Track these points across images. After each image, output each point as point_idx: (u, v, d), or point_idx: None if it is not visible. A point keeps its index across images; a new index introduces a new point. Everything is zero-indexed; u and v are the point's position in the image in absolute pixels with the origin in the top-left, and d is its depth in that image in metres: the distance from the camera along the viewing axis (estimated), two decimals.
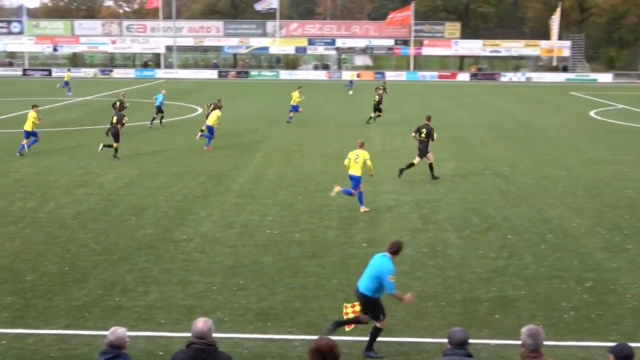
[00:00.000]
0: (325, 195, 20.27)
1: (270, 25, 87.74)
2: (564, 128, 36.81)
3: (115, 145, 26.30)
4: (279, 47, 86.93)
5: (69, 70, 69.02)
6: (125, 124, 27.59)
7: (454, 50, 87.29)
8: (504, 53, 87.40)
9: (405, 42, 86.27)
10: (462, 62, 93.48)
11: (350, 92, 59.75)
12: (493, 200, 19.92)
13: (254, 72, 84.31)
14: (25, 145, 27.17)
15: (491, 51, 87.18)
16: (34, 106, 28.26)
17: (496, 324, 11.24)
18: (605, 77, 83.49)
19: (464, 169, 24.68)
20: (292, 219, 17.66)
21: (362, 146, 18.84)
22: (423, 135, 22.52)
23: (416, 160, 22.79)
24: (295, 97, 38.19)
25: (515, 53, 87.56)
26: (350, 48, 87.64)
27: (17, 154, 26.65)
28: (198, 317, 6.95)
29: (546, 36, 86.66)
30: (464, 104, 51.10)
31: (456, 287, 12.86)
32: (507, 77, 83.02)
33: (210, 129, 28.89)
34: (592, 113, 45.05)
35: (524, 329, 6.69)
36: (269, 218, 17.74)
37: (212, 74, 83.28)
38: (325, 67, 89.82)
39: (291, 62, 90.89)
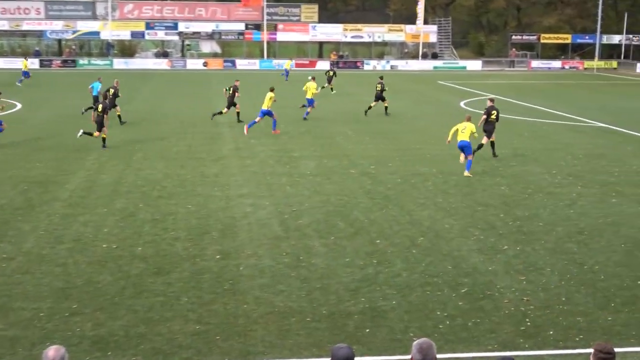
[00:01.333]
0: (170, 202, 20.04)
1: (100, 6, 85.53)
2: (433, 120, 38.17)
3: (96, 134, 28.45)
4: (112, 31, 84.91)
5: (25, 58, 64.52)
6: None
7: (312, 35, 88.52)
8: (366, 39, 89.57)
9: (258, 27, 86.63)
10: (321, 48, 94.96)
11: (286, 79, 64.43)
12: (359, 202, 20.36)
13: (82, 61, 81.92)
14: None
15: (352, 37, 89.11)
16: None
17: (367, 338, 11.48)
18: (475, 65, 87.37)
19: (326, 168, 25.07)
20: (133, 231, 17.30)
21: (469, 120, 24.29)
22: (493, 116, 27.01)
23: (484, 140, 26.83)
24: (312, 88, 38.13)
25: (378, 39, 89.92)
26: (195, 33, 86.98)
27: None
28: (47, 345, 6.67)
29: (411, 20, 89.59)
30: (324, 94, 51.88)
31: (322, 300, 13.03)
32: (371, 65, 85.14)
33: (267, 113, 32.23)
34: (462, 104, 46.97)
35: (414, 343, 6.77)
36: (105, 230, 17.30)
37: (32, 63, 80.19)
38: (166, 54, 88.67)
39: (127, 49, 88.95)
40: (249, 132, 32.04)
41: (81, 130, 28.78)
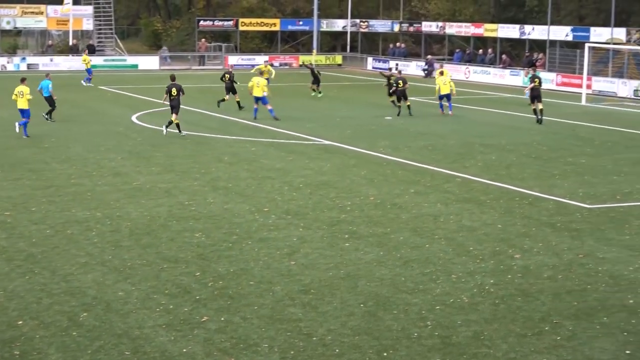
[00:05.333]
0: None
1: None
2: (93, 143, 37.78)
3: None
4: None
5: None
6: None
7: None
8: None
9: None
10: None
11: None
12: None
13: None
14: None
15: None
16: None
17: None
18: (150, 62, 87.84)
19: None
20: None
21: (441, 74, 49.83)
22: (537, 83, 46.61)
23: (538, 105, 47.05)
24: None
25: (8, 25, 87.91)
26: None
27: None
28: None
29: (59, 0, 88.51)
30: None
31: None
32: None
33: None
34: (134, 118, 47.11)
35: None
36: None
37: None
38: None
39: None
40: None
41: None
